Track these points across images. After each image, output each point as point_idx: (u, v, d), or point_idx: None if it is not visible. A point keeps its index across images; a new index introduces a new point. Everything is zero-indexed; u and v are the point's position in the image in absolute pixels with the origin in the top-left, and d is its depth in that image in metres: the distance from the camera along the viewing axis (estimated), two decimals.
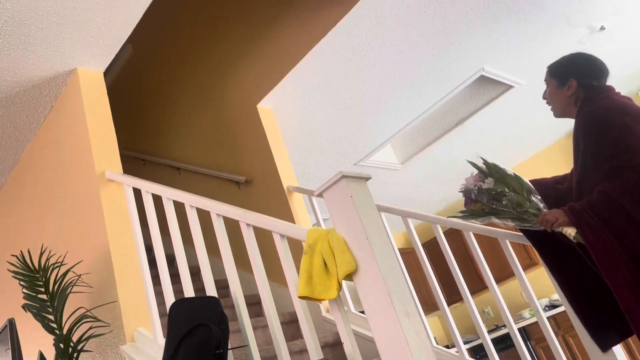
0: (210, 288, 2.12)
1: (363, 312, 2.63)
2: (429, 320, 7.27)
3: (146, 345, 2.35)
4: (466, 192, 2.12)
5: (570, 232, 1.89)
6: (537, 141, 6.32)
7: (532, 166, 6.61)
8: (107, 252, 2.61)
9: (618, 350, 2.20)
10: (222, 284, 3.53)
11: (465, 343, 6.16)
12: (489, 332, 6.14)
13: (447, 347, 6.26)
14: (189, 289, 2.20)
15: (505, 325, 5.62)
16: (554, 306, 5.71)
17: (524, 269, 5.89)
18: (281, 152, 3.87)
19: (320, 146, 4.80)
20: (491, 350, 2.74)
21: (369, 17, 3.43)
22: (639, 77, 5.48)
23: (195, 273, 3.52)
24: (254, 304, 3.46)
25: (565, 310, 2.44)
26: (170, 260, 3.12)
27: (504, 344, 5.81)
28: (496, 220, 2.11)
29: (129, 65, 5.23)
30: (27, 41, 2.74)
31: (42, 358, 2.27)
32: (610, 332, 2.09)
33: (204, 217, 2.33)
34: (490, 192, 2.04)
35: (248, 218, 2.03)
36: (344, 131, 4.70)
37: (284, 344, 1.94)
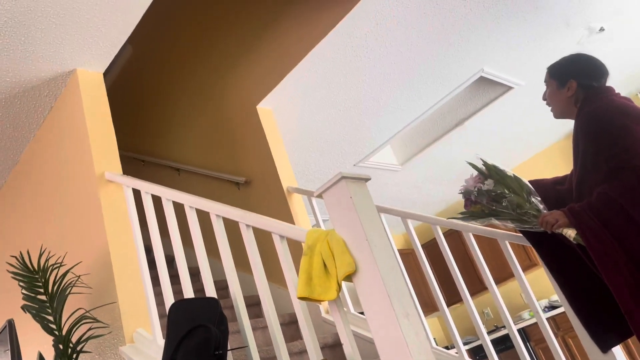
0: (210, 289, 2.12)
1: (362, 313, 2.63)
2: (429, 321, 7.27)
3: (145, 346, 2.35)
4: (466, 194, 2.12)
5: (570, 233, 1.89)
6: (537, 142, 6.32)
7: (532, 167, 6.61)
8: (107, 253, 2.61)
9: (617, 351, 2.20)
10: (222, 285, 3.53)
11: (465, 344, 6.16)
12: (489, 333, 6.14)
13: (447, 348, 6.26)
14: (188, 290, 2.20)
15: (504, 326, 5.62)
16: (553, 307, 5.71)
17: (524, 270, 5.89)
18: (281, 153, 3.87)
19: (319, 147, 4.80)
20: (491, 351, 2.74)
21: (368, 19, 3.44)
22: (639, 78, 5.48)
23: (195, 274, 3.52)
24: (254, 304, 3.46)
25: (564, 311, 2.44)
26: (170, 261, 3.12)
27: (503, 345, 5.81)
28: (496, 221, 2.11)
29: (129, 66, 5.23)
30: (26, 42, 2.74)
31: (41, 359, 2.27)
32: (610, 332, 2.09)
33: (204, 218, 2.33)
34: (490, 193, 2.04)
35: (247, 219, 2.03)
36: (344, 132, 4.70)
37: (283, 345, 1.93)
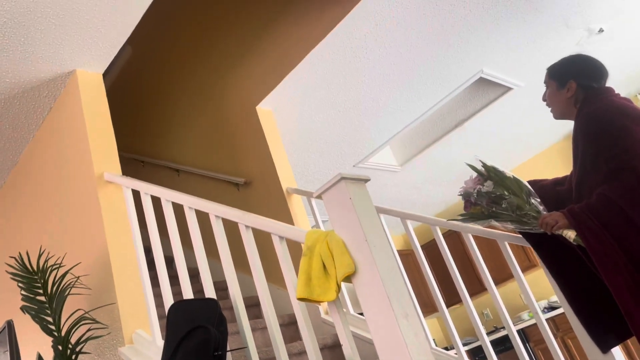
0: (209, 290, 2.12)
1: (362, 314, 2.63)
2: (428, 322, 7.27)
3: (145, 347, 2.34)
4: (465, 196, 2.12)
5: (570, 234, 1.89)
6: (536, 143, 6.32)
7: (531, 168, 6.62)
8: (106, 254, 2.61)
9: (617, 351, 2.20)
10: (221, 286, 3.53)
11: (464, 345, 6.16)
12: (488, 334, 6.13)
13: (446, 349, 6.26)
14: (187, 291, 2.20)
15: (504, 327, 5.62)
16: (552, 308, 5.71)
17: (523, 271, 5.89)
18: (280, 154, 3.87)
19: (319, 148, 4.80)
20: (490, 352, 2.74)
21: (368, 19, 3.44)
22: (638, 79, 5.49)
23: (194, 275, 3.52)
24: (253, 305, 3.46)
25: (564, 312, 2.44)
26: (169, 261, 3.12)
27: (502, 345, 5.81)
28: (496, 223, 2.11)
29: (128, 66, 5.23)
30: (26, 42, 2.74)
31: None
32: (610, 333, 2.09)
33: (203, 218, 2.33)
34: (489, 195, 2.04)
35: (247, 220, 2.03)
36: (343, 133, 4.70)
37: (282, 345, 1.93)
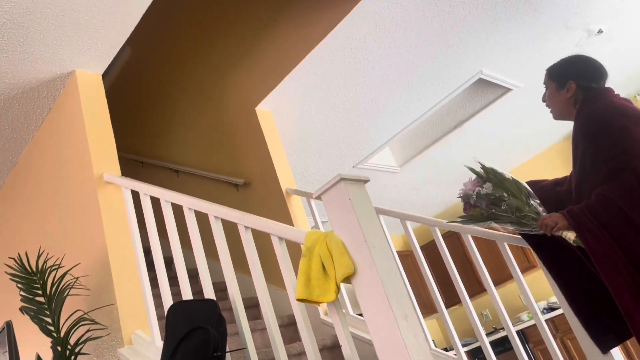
0: (209, 291, 2.12)
1: (361, 314, 2.63)
2: (428, 323, 7.27)
3: (144, 348, 2.34)
4: (465, 198, 2.11)
5: (569, 236, 1.89)
6: (535, 144, 6.33)
7: (531, 169, 6.62)
8: (105, 255, 2.61)
9: (616, 352, 2.20)
10: (220, 287, 3.52)
11: (464, 346, 6.16)
12: (488, 334, 6.13)
13: (446, 350, 6.26)
14: (187, 292, 2.20)
15: (503, 328, 5.61)
16: (552, 309, 5.71)
17: (522, 272, 5.89)
18: (280, 155, 3.87)
19: (318, 149, 4.80)
20: (489, 353, 2.74)
21: (367, 20, 3.44)
22: (637, 80, 5.49)
23: (194, 276, 3.52)
24: (252, 306, 3.46)
25: (563, 313, 2.44)
26: (169, 262, 3.12)
27: (502, 346, 5.81)
28: (495, 225, 2.11)
29: (128, 67, 5.23)
30: (25, 43, 2.74)
31: None
32: (610, 333, 2.09)
33: (202, 219, 2.33)
34: (489, 197, 2.04)
35: (246, 220, 2.03)
36: (343, 134, 4.70)
37: (282, 346, 1.93)
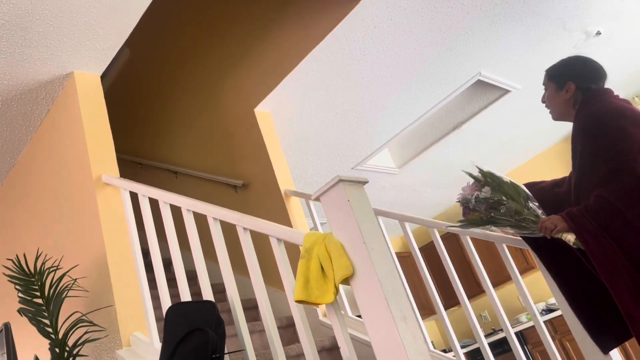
0: (207, 292, 2.11)
1: (360, 316, 2.62)
2: (426, 324, 7.27)
3: (142, 349, 2.34)
4: (464, 202, 2.12)
5: (569, 238, 1.89)
6: (534, 145, 6.33)
7: (529, 170, 6.63)
8: (104, 256, 2.60)
9: (614, 353, 2.20)
10: (219, 288, 3.52)
11: (463, 347, 6.16)
12: (486, 336, 6.13)
13: (445, 351, 6.25)
14: (185, 293, 2.20)
15: (502, 330, 5.62)
16: (550, 310, 5.71)
17: (521, 273, 5.89)
18: (278, 156, 3.87)
19: (317, 150, 4.80)
20: (488, 354, 2.74)
21: (366, 22, 3.44)
22: (636, 81, 5.50)
23: (192, 277, 3.51)
24: (251, 308, 3.45)
25: (562, 314, 2.44)
26: (167, 264, 3.12)
27: (501, 348, 5.81)
28: (495, 228, 2.11)
29: (127, 68, 5.23)
30: (24, 44, 2.73)
31: None
32: (611, 334, 2.09)
33: (201, 221, 2.33)
34: (487, 200, 2.04)
35: (245, 222, 2.02)
36: (342, 135, 4.70)
37: (280, 348, 1.93)
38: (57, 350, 2.24)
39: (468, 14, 3.67)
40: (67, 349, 2.24)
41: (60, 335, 2.27)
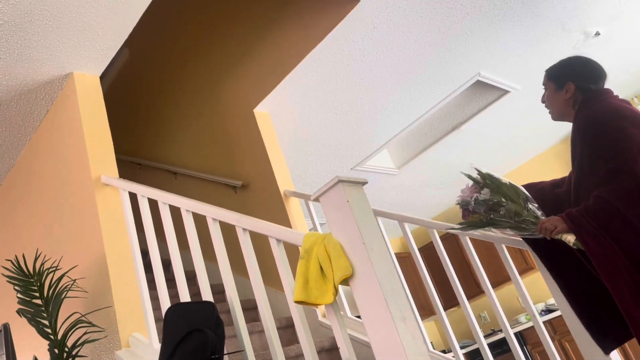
0: (206, 293, 2.11)
1: (359, 316, 2.62)
2: (426, 325, 7.27)
3: (141, 350, 2.34)
4: (463, 204, 2.11)
5: (569, 239, 1.89)
6: (533, 146, 6.34)
7: (528, 171, 6.63)
8: (103, 257, 2.60)
9: (614, 354, 2.20)
10: (218, 289, 3.52)
11: (462, 348, 6.16)
12: (486, 336, 6.13)
13: (444, 352, 6.26)
14: (184, 294, 2.20)
15: (501, 330, 5.62)
16: (550, 311, 5.71)
17: (520, 274, 5.90)
18: (278, 157, 3.87)
19: (316, 151, 4.80)
20: (488, 355, 2.74)
21: (365, 22, 3.44)
22: (635, 81, 5.51)
23: (191, 278, 3.52)
24: (250, 308, 3.45)
25: (561, 315, 2.44)
26: (166, 264, 3.11)
27: (500, 348, 5.81)
28: (495, 230, 2.11)
29: (126, 69, 5.23)
30: (23, 45, 2.73)
31: None
32: (611, 335, 2.09)
33: (200, 221, 2.33)
34: (487, 202, 2.04)
35: (244, 223, 2.02)
36: (341, 136, 4.70)
37: (280, 349, 1.93)
38: (56, 351, 2.23)
39: (467, 15, 3.67)
40: (67, 349, 2.24)
41: (59, 336, 2.27)
